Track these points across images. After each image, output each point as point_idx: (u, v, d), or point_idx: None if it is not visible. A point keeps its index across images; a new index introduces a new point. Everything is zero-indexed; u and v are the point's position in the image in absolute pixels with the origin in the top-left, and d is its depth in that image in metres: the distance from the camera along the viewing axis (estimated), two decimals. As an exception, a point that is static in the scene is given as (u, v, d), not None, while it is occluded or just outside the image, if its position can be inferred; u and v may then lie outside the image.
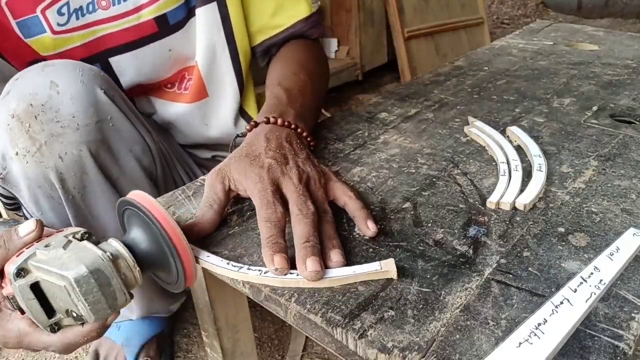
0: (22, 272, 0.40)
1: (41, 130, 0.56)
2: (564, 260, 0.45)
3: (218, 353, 0.63)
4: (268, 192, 0.48)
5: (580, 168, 0.60)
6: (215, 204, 0.50)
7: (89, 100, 0.58)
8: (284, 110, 0.60)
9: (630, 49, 1.06)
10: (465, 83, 0.89)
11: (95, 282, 0.39)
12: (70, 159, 0.58)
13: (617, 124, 0.71)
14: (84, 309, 0.39)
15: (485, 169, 0.60)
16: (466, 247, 0.47)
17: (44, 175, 0.58)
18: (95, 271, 0.39)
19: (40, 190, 0.59)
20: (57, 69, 0.59)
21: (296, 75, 0.69)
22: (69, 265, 0.39)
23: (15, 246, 0.42)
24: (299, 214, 0.46)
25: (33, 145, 0.56)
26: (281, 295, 0.42)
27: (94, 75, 0.60)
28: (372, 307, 0.40)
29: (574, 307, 0.38)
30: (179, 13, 0.71)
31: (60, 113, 0.57)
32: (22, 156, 0.56)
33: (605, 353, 0.35)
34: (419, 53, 2.14)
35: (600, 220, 0.50)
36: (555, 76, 0.91)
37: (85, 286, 0.39)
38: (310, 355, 0.91)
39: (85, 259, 0.39)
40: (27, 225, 0.43)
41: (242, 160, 0.52)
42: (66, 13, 0.66)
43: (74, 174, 0.59)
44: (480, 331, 0.38)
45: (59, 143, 0.57)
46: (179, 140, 0.87)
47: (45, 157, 0.57)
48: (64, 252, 0.40)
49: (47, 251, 0.40)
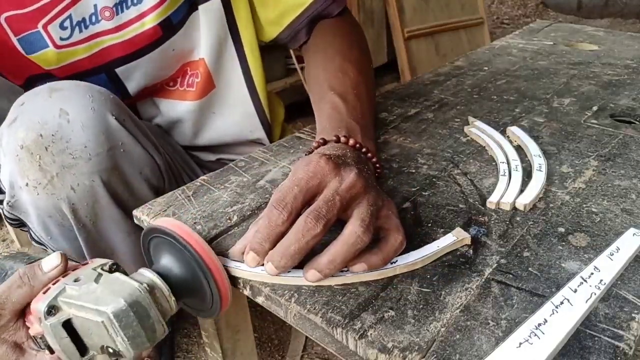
0: (52, 309, 0.38)
1: (52, 162, 0.54)
2: (564, 260, 0.45)
3: (218, 353, 0.63)
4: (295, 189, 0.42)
5: (580, 168, 0.59)
6: None
7: (100, 128, 0.56)
8: (349, 126, 0.54)
9: (630, 49, 1.06)
10: (465, 83, 0.89)
11: (134, 316, 0.37)
12: (82, 190, 0.56)
13: (617, 124, 0.71)
14: (122, 344, 0.37)
15: (485, 169, 0.60)
16: (466, 247, 0.47)
17: (55, 206, 0.57)
18: (134, 304, 0.37)
19: (51, 220, 0.58)
20: (65, 94, 0.57)
21: (345, 74, 0.63)
22: (105, 300, 0.37)
23: (41, 282, 0.40)
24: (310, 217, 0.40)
25: (44, 177, 0.55)
26: (281, 295, 0.42)
27: (104, 100, 0.58)
28: (372, 307, 0.40)
29: (574, 307, 0.38)
30: (181, 12, 0.70)
31: (72, 143, 0.55)
32: (33, 188, 0.55)
33: (606, 353, 0.35)
34: (419, 53, 2.14)
35: (600, 220, 0.50)
36: (555, 76, 0.91)
37: (124, 320, 0.37)
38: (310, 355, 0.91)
39: (122, 291, 0.37)
40: (51, 260, 0.41)
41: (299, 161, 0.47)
42: (69, 27, 0.64)
43: (86, 204, 0.57)
44: (480, 331, 0.38)
45: (71, 174, 0.55)
46: (184, 142, 0.86)
47: (57, 189, 0.55)
48: (97, 286, 0.38)
49: (77, 286, 0.38)
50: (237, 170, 0.62)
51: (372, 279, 0.43)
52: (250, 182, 0.59)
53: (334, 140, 0.51)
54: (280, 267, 0.41)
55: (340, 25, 0.75)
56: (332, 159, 0.44)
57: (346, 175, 0.43)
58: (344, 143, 0.51)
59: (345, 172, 0.43)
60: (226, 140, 0.86)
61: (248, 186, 0.58)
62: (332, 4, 0.75)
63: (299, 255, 0.40)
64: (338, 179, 0.43)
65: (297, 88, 1.85)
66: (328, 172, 0.43)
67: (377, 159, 0.54)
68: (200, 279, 0.42)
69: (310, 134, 0.71)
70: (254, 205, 0.55)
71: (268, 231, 0.41)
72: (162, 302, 0.40)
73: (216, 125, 0.84)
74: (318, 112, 0.60)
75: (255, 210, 0.54)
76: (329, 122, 0.56)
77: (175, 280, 0.42)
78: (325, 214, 0.40)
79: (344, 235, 0.41)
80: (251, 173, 0.61)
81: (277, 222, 0.41)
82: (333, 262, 0.40)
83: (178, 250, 0.42)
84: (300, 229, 0.40)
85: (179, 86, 0.80)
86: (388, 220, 0.44)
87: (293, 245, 0.40)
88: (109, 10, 0.64)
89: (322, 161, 0.43)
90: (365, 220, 0.41)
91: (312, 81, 0.67)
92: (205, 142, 0.86)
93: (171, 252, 0.43)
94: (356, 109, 0.58)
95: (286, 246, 0.40)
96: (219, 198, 0.56)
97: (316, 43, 0.74)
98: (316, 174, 0.43)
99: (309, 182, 0.42)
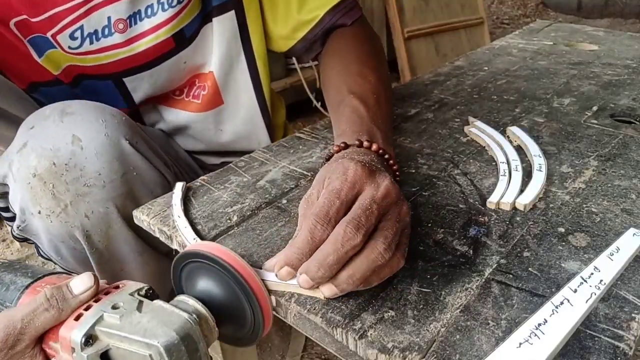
0: (90, 339, 0.35)
1: (66, 190, 0.53)
2: (564, 260, 0.45)
3: (218, 353, 0.63)
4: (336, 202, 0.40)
5: (580, 168, 0.59)
6: None
7: (114, 155, 0.55)
8: (370, 131, 0.53)
9: (630, 49, 1.06)
10: (465, 83, 0.89)
11: (185, 350, 0.35)
12: (96, 217, 0.56)
13: (617, 124, 0.71)
14: None
15: (485, 169, 0.60)
16: (466, 247, 0.47)
17: (68, 233, 0.56)
18: (186, 337, 0.35)
19: (63, 244, 0.58)
20: (77, 119, 0.55)
21: (365, 79, 0.62)
22: (155, 332, 0.34)
23: (70, 307, 0.37)
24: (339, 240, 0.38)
25: (58, 205, 0.54)
26: (281, 295, 0.42)
27: (117, 124, 0.57)
28: (372, 308, 0.40)
29: (574, 307, 0.38)
30: (194, 25, 0.69)
31: (85, 171, 0.54)
32: (46, 216, 0.54)
33: (606, 353, 0.35)
34: (419, 53, 2.14)
35: (600, 221, 0.50)
36: (555, 76, 0.91)
37: (175, 355, 0.34)
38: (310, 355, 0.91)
39: (173, 324, 0.35)
40: (81, 282, 0.38)
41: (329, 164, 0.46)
42: (79, 37, 0.63)
43: (99, 230, 0.57)
44: (480, 331, 0.38)
45: (85, 202, 0.54)
46: (187, 147, 0.85)
47: (70, 217, 0.54)
48: (141, 315, 0.36)
49: (117, 314, 0.36)
50: (237, 170, 0.62)
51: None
52: (250, 182, 0.59)
53: (356, 144, 0.49)
54: (317, 278, 0.38)
55: (357, 33, 0.73)
56: (366, 165, 0.43)
57: (382, 183, 0.42)
58: (367, 148, 0.49)
59: (380, 179, 0.42)
60: (231, 147, 0.85)
61: (248, 186, 0.58)
62: (344, 15, 0.73)
63: (337, 266, 0.38)
64: (374, 187, 0.41)
65: (297, 88, 1.85)
66: (365, 179, 0.42)
67: (398, 166, 0.52)
68: (243, 304, 0.39)
69: (310, 134, 0.71)
70: (254, 205, 0.55)
71: (310, 247, 0.39)
72: (208, 334, 0.38)
73: (223, 138, 0.83)
74: (337, 115, 0.59)
75: (255, 210, 0.54)
76: (349, 125, 0.54)
77: (216, 306, 0.39)
78: (364, 223, 0.38)
79: (366, 250, 0.39)
80: (251, 173, 0.61)
81: (322, 238, 0.39)
82: (352, 276, 0.38)
83: (217, 274, 0.40)
84: (340, 238, 0.38)
85: (185, 96, 0.79)
86: (403, 240, 0.42)
87: (332, 256, 0.37)
88: (123, 23, 0.63)
89: (358, 168, 0.42)
90: (389, 237, 0.39)
91: (330, 84, 0.66)
92: (211, 148, 0.85)
93: (210, 277, 0.40)
94: (377, 114, 0.56)
95: (325, 256, 0.38)
96: (219, 198, 0.56)
97: (333, 48, 0.72)
98: (354, 184, 0.41)
99: (348, 194, 0.41)
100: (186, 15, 0.67)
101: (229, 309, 0.40)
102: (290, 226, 0.51)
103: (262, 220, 0.52)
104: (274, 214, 0.53)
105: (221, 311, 0.39)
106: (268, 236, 0.50)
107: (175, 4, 0.65)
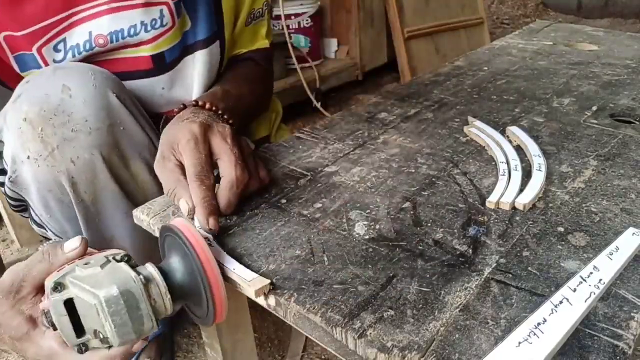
0: (59, 286, 0.39)
1: (53, 134, 0.56)
2: (564, 259, 0.45)
3: (218, 353, 0.63)
4: (201, 152, 0.51)
5: (579, 168, 0.60)
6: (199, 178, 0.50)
7: (101, 104, 0.58)
8: (214, 101, 0.62)
9: (630, 49, 1.06)
10: (465, 83, 0.89)
11: (124, 304, 0.38)
12: (82, 163, 0.58)
13: (616, 124, 0.71)
14: (109, 331, 0.39)
15: (485, 168, 0.60)
16: (466, 246, 0.47)
17: (55, 179, 0.58)
18: (126, 292, 0.38)
19: (51, 194, 0.59)
20: (68, 72, 0.59)
21: (239, 85, 0.73)
22: (102, 284, 0.39)
23: (59, 261, 0.43)
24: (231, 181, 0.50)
25: (45, 149, 0.56)
26: (281, 295, 0.42)
27: (105, 78, 0.60)
28: (372, 307, 0.40)
29: (573, 306, 0.38)
30: (175, 52, 0.70)
31: (73, 117, 0.56)
32: (34, 160, 0.56)
33: (605, 352, 0.35)
34: (419, 53, 2.14)
35: (599, 220, 0.50)
36: (555, 76, 0.91)
37: (113, 307, 0.38)
38: (310, 355, 0.92)
39: (118, 279, 0.39)
40: (72, 242, 0.44)
41: (171, 126, 0.54)
42: (62, 50, 0.65)
43: (85, 178, 0.59)
44: (479, 331, 0.38)
45: (71, 147, 0.57)
46: None
47: (57, 162, 0.57)
48: (101, 272, 0.40)
49: (84, 268, 0.40)
50: (237, 170, 0.62)
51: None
52: (250, 182, 0.59)
53: (192, 104, 0.60)
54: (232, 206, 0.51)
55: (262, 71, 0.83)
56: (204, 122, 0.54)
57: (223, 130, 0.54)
58: (201, 107, 0.60)
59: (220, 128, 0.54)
60: None
61: (248, 186, 0.58)
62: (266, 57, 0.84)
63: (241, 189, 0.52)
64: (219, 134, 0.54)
65: (297, 88, 1.85)
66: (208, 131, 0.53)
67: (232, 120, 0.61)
68: (200, 287, 0.42)
69: (310, 134, 0.71)
70: (254, 205, 0.55)
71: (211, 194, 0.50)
72: (157, 298, 0.41)
73: None
74: None
75: (255, 210, 0.54)
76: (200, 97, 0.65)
77: (176, 281, 0.42)
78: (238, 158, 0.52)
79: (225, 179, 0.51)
80: (251, 173, 0.61)
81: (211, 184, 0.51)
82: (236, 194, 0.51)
83: (185, 254, 0.42)
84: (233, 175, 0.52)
85: None
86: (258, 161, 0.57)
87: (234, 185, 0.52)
88: (103, 38, 0.64)
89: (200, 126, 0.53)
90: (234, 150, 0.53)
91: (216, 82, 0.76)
92: None
93: (179, 254, 0.43)
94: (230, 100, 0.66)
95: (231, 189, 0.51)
96: (218, 198, 0.56)
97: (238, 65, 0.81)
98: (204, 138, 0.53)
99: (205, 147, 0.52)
100: (168, 39, 0.68)
101: (187, 286, 0.43)
102: (290, 226, 0.51)
103: (261, 220, 0.52)
104: (274, 214, 0.53)
105: (179, 285, 0.42)
106: (268, 236, 0.50)
107: (157, 26, 0.67)
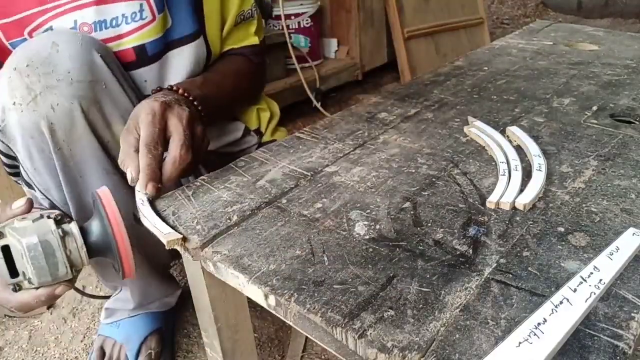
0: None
1: (37, 81, 0.60)
2: (564, 260, 0.45)
3: (218, 353, 0.63)
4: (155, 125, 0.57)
5: (580, 168, 0.60)
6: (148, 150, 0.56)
7: (84, 60, 0.62)
8: (190, 88, 0.67)
9: (630, 49, 1.06)
10: (465, 83, 0.89)
11: (41, 251, 0.48)
12: (61, 110, 0.61)
13: (616, 124, 0.71)
14: (31, 272, 0.48)
15: (485, 168, 0.60)
16: (466, 246, 0.47)
17: (35, 124, 0.60)
18: (44, 242, 0.48)
19: (33, 142, 0.62)
20: (59, 32, 0.64)
21: (222, 76, 0.77)
22: (26, 234, 0.48)
23: (7, 216, 0.51)
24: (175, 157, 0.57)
25: (29, 94, 0.60)
26: (281, 295, 0.42)
27: (92, 41, 0.65)
28: (372, 307, 0.40)
29: (573, 306, 0.38)
30: (157, 45, 0.71)
31: (57, 68, 0.61)
32: (19, 105, 0.60)
33: (605, 353, 0.35)
34: (419, 53, 2.14)
35: (600, 220, 0.50)
36: (555, 76, 0.91)
37: (33, 252, 0.48)
38: (310, 355, 0.91)
39: (39, 231, 0.48)
40: (18, 201, 0.52)
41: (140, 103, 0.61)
42: None
43: (63, 125, 0.62)
44: (480, 331, 0.38)
45: (53, 94, 0.60)
46: None
47: (38, 106, 0.60)
48: (31, 224, 0.49)
49: (20, 222, 0.49)
50: (237, 170, 0.62)
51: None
52: (250, 182, 0.59)
53: (167, 88, 0.67)
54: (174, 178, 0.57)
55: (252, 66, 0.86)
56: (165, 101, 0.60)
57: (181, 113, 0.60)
58: (175, 91, 0.66)
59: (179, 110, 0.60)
60: None
61: (248, 186, 0.58)
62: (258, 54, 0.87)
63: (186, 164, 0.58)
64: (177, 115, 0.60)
65: (297, 88, 1.85)
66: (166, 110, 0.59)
67: (202, 107, 0.67)
68: (112, 247, 0.50)
69: (310, 134, 0.71)
70: (254, 205, 0.55)
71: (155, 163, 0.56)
72: (73, 250, 0.50)
73: None
74: None
75: (254, 209, 0.54)
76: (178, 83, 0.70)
77: (92, 238, 0.51)
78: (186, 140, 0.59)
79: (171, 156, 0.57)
80: (251, 173, 0.61)
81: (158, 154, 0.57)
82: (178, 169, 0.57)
83: (101, 216, 0.50)
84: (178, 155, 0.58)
85: None
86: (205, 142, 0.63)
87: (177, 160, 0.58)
88: (88, 27, 0.67)
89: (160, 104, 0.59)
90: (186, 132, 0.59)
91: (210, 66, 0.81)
92: None
93: (98, 216, 0.52)
94: (208, 89, 0.70)
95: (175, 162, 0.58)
96: (219, 198, 0.56)
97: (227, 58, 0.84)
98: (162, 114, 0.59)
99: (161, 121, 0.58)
100: (148, 32, 0.70)
101: (102, 243, 0.51)
102: (290, 226, 0.51)
103: (261, 220, 0.52)
104: (274, 214, 0.53)
105: (96, 243, 0.51)
106: (268, 236, 0.50)
107: (137, 19, 0.69)
